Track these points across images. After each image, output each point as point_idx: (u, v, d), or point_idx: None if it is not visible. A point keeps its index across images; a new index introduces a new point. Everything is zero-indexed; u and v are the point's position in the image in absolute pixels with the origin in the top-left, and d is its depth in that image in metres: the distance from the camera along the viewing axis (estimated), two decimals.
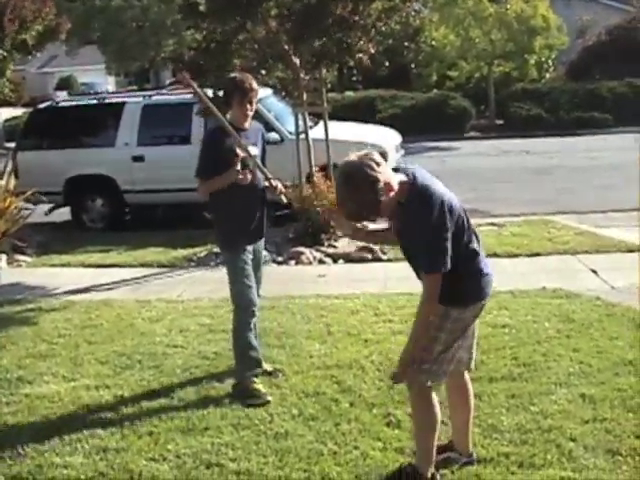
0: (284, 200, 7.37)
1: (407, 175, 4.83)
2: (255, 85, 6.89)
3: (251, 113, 6.96)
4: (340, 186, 4.74)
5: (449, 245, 4.74)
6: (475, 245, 5.03)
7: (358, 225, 5.16)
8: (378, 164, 4.64)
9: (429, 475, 5.22)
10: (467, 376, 5.47)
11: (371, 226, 5.25)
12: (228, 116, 7.04)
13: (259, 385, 6.94)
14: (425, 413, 5.22)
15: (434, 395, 5.21)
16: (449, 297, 4.92)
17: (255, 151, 7.00)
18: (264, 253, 7.71)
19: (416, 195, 4.76)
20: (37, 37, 18.49)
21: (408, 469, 5.30)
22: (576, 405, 6.37)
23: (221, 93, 12.87)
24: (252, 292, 6.98)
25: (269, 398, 6.79)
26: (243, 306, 6.97)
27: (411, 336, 5.00)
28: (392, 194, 4.69)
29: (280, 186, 7.16)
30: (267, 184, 7.10)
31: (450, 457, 5.53)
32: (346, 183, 4.67)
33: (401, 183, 4.76)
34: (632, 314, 8.52)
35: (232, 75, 7.22)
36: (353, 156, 4.69)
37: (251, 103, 6.89)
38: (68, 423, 6.58)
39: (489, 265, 5.17)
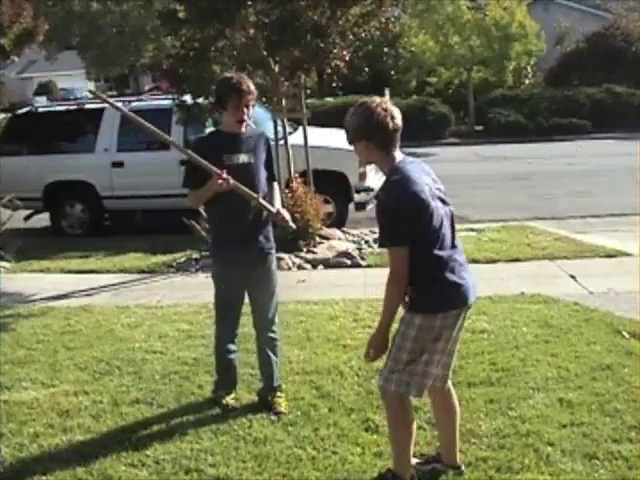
0: (292, 226, 6.84)
1: (403, 157, 5.01)
2: (252, 87, 6.36)
3: (247, 118, 6.41)
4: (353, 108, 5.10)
5: (406, 229, 4.82)
6: (442, 252, 4.96)
7: None
8: (391, 115, 4.92)
9: (408, 478, 5.23)
10: (450, 388, 5.43)
11: None
12: (223, 121, 6.58)
13: (229, 399, 6.84)
14: (397, 419, 5.23)
15: (408, 401, 5.20)
16: (412, 303, 4.97)
17: (245, 159, 6.43)
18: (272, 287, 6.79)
19: (392, 178, 4.91)
20: (14, 40, 18.37)
21: (387, 475, 5.32)
22: (554, 410, 6.40)
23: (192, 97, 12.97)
24: (229, 321, 6.71)
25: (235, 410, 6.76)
26: (219, 327, 6.80)
27: (381, 316, 5.05)
28: (382, 155, 4.97)
29: (286, 215, 6.55)
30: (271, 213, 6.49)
31: (436, 468, 5.52)
32: (356, 106, 5.05)
33: (393, 160, 4.97)
34: (610, 319, 8.57)
35: (227, 75, 6.62)
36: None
37: (248, 107, 6.32)
38: (47, 429, 6.56)
39: (466, 273, 5.12)
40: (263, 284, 6.67)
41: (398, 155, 4.99)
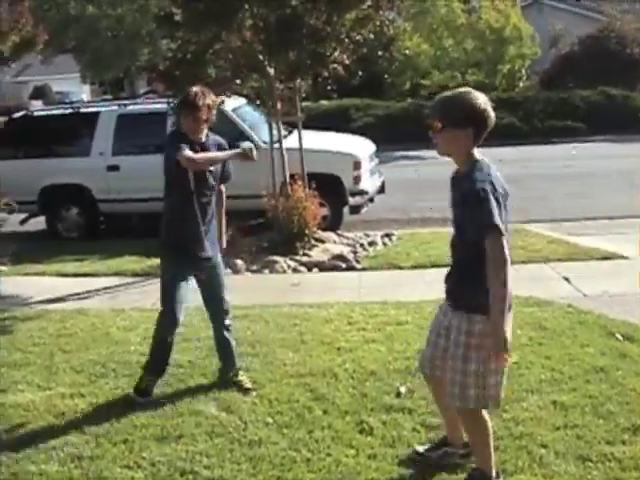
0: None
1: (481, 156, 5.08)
2: (203, 102, 6.64)
3: (201, 129, 6.79)
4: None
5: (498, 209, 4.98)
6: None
7: None
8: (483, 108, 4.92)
9: (494, 473, 5.26)
10: None
11: None
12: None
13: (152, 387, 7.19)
14: (475, 431, 5.27)
15: (483, 413, 5.21)
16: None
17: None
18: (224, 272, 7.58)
19: (481, 169, 5.06)
20: (13, 47, 18.40)
21: (476, 474, 5.33)
22: (547, 412, 6.43)
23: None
24: (173, 307, 7.18)
25: (141, 400, 7.04)
26: (163, 313, 7.26)
27: (494, 309, 5.03)
28: (463, 147, 5.06)
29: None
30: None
31: (447, 451, 5.63)
32: (467, 93, 4.99)
33: (473, 155, 5.09)
34: (603, 321, 8.59)
35: (189, 90, 6.78)
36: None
37: (196, 120, 6.68)
38: (43, 431, 6.59)
39: None
40: (212, 281, 7.34)
41: (478, 153, 5.11)
